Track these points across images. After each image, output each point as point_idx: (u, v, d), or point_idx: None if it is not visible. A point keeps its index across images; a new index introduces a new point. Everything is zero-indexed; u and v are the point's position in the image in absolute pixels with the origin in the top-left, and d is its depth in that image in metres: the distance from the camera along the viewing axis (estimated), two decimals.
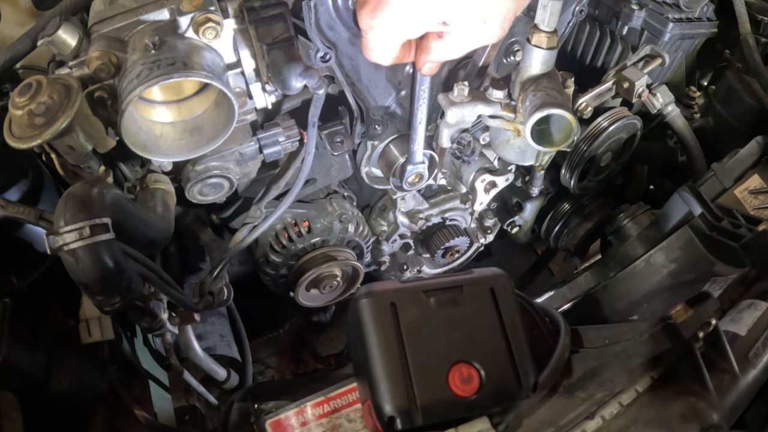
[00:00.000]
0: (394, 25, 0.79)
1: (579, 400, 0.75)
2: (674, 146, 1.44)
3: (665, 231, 1.18)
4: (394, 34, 0.82)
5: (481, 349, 0.71)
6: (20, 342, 0.84)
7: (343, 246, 1.24)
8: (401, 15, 0.78)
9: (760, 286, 0.89)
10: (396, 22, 0.79)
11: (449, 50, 0.85)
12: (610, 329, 0.82)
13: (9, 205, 0.87)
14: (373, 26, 0.80)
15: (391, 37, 0.82)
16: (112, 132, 0.82)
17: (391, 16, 0.78)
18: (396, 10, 0.77)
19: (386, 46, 0.84)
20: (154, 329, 0.96)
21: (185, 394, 1.19)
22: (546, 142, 0.91)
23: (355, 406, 0.78)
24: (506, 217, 1.49)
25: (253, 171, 1.03)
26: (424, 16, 0.78)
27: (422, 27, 0.81)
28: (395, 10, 0.77)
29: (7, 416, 0.79)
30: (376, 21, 0.79)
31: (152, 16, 0.80)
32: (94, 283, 0.72)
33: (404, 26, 0.80)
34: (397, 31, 0.81)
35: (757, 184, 1.14)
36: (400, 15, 0.78)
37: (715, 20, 1.28)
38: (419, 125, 1.06)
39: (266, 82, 0.89)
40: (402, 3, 0.76)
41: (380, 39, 0.82)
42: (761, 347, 0.78)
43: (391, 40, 0.83)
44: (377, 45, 0.84)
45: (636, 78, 1.11)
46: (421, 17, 0.78)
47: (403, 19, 0.78)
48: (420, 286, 0.73)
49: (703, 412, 0.72)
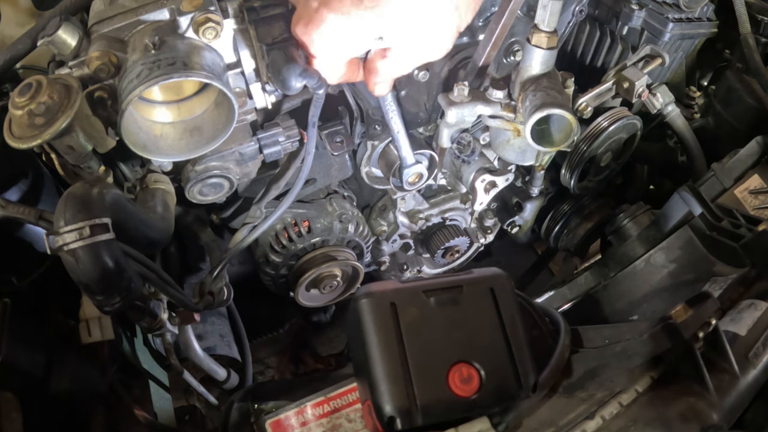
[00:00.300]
0: (329, 41, 0.80)
1: (579, 400, 0.75)
2: (674, 146, 1.44)
3: (665, 231, 1.18)
4: (333, 52, 0.82)
5: (481, 349, 0.71)
6: (20, 342, 0.84)
7: (343, 246, 1.24)
8: (334, 31, 0.78)
9: (760, 286, 0.89)
10: (331, 38, 0.79)
11: (395, 68, 0.86)
12: (610, 329, 0.82)
13: (9, 205, 0.87)
14: (310, 42, 0.81)
15: (330, 55, 0.83)
16: (112, 132, 0.82)
17: (324, 32, 0.79)
18: (328, 27, 0.78)
19: (329, 64, 0.84)
20: (154, 329, 0.96)
21: (185, 394, 1.19)
22: (546, 142, 0.91)
23: (355, 406, 0.78)
24: (506, 217, 1.49)
25: (253, 171, 1.03)
26: (358, 33, 0.79)
27: (361, 44, 0.82)
28: (328, 27, 0.78)
29: (7, 416, 0.79)
30: (311, 37, 0.80)
31: (152, 16, 0.80)
32: (94, 283, 0.72)
33: (341, 43, 0.81)
34: (336, 49, 0.82)
35: (757, 184, 1.14)
36: (333, 31, 0.78)
37: (715, 20, 1.27)
38: (398, 134, 1.09)
39: (266, 82, 0.88)
40: (333, 20, 0.77)
41: (320, 56, 0.83)
42: (761, 347, 0.78)
43: (332, 58, 0.84)
44: (320, 63, 0.84)
45: (636, 78, 1.11)
46: (356, 34, 0.79)
47: (337, 35, 0.79)
48: (420, 286, 0.73)
49: (703, 412, 0.72)
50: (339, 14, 0.76)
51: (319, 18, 0.77)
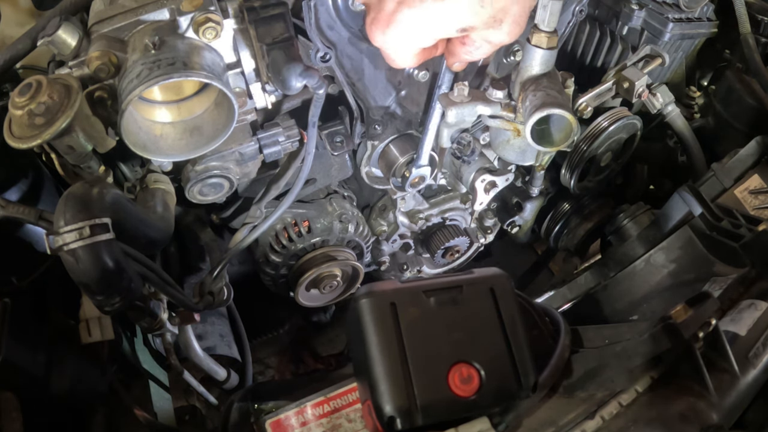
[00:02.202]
0: (408, 37, 0.81)
1: (579, 400, 0.75)
2: (674, 146, 1.44)
3: (665, 231, 1.18)
4: (411, 44, 0.84)
5: (481, 349, 0.71)
6: (20, 342, 0.84)
7: (343, 246, 1.24)
8: (413, 29, 0.79)
9: (760, 286, 0.89)
10: (409, 35, 0.80)
11: (475, 53, 0.87)
12: (610, 329, 0.82)
13: (9, 205, 0.87)
14: (387, 42, 0.82)
15: (409, 47, 0.84)
16: (112, 132, 0.82)
17: (402, 31, 0.79)
18: (407, 26, 0.78)
19: (406, 54, 0.86)
20: (154, 329, 0.96)
21: (185, 394, 1.19)
22: (546, 142, 0.91)
23: (355, 406, 0.78)
24: (506, 217, 1.49)
25: (253, 171, 1.03)
26: (437, 27, 0.80)
27: (439, 35, 0.83)
28: (406, 26, 0.78)
29: (7, 416, 0.79)
30: (389, 38, 0.81)
31: (152, 16, 0.80)
32: (94, 283, 0.72)
33: (419, 37, 0.82)
34: (414, 41, 0.83)
35: (757, 184, 1.14)
36: (412, 29, 0.79)
37: (715, 20, 1.27)
38: (430, 130, 1.07)
39: (266, 82, 0.89)
40: (412, 19, 0.77)
41: (398, 51, 0.85)
42: (761, 347, 0.78)
43: (410, 49, 0.85)
44: (397, 56, 0.86)
45: (636, 78, 1.11)
46: (435, 28, 0.80)
47: (415, 31, 0.80)
48: (420, 286, 0.73)
49: (703, 412, 0.72)
50: (417, 9, 0.76)
51: (399, 19, 0.78)
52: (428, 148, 1.11)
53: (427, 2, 0.76)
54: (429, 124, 1.06)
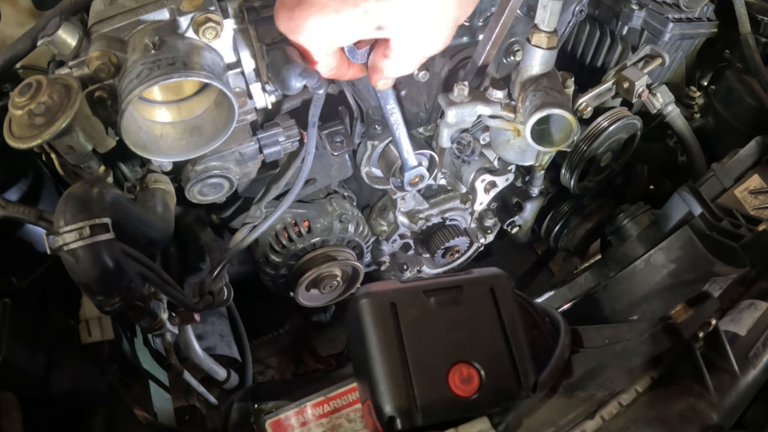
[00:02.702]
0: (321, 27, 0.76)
1: (579, 400, 0.75)
2: (674, 146, 1.44)
3: (665, 231, 1.18)
4: (325, 38, 0.78)
5: (481, 349, 0.71)
6: (20, 342, 0.84)
7: (343, 246, 1.24)
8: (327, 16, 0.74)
9: (760, 286, 0.89)
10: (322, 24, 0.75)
11: (399, 67, 0.85)
12: (610, 329, 0.82)
13: (9, 205, 0.87)
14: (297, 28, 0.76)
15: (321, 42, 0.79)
16: (112, 132, 0.82)
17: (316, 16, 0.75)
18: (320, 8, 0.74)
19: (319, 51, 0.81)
20: (154, 329, 0.96)
21: (185, 394, 1.19)
22: (546, 142, 0.91)
23: (355, 406, 0.78)
24: (506, 217, 1.49)
25: (253, 171, 1.03)
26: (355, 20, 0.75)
27: (356, 31, 0.78)
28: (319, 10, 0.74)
29: (7, 416, 0.79)
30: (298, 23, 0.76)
31: (152, 16, 0.80)
32: (94, 283, 0.72)
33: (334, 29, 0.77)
34: (327, 35, 0.78)
35: (757, 184, 1.14)
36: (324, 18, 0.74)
37: (715, 20, 1.27)
38: (400, 137, 1.08)
39: (266, 82, 0.88)
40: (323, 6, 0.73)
41: (310, 41, 0.79)
42: (761, 347, 0.78)
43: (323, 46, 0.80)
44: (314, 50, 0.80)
45: (636, 78, 1.11)
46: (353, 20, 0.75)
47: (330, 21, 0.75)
48: (420, 286, 0.73)
49: (703, 412, 0.72)
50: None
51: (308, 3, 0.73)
52: (410, 153, 1.11)
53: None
54: (395, 132, 1.07)
